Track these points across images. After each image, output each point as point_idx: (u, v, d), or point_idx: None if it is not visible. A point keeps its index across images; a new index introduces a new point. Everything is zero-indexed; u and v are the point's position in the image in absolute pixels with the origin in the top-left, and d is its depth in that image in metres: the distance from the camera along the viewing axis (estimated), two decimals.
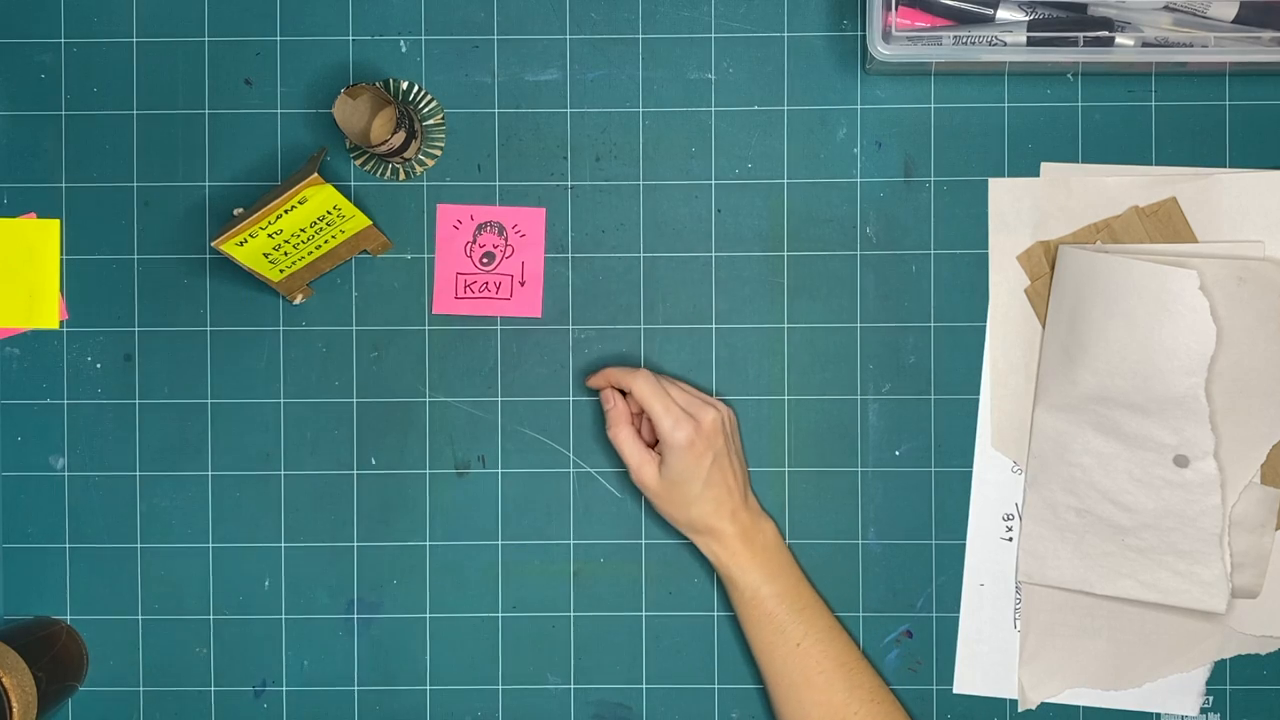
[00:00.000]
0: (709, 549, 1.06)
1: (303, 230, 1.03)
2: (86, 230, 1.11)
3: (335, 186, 1.01)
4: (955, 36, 1.03)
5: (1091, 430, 1.06)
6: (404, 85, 1.10)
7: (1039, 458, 1.08)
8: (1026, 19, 1.04)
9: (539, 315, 1.10)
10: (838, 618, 1.07)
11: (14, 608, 1.11)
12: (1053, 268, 1.08)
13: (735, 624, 1.09)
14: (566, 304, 1.10)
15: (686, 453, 1.02)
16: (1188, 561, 1.05)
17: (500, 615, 1.10)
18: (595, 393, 1.09)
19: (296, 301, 1.10)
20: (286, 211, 1.00)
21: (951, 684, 1.09)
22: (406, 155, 1.08)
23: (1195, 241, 1.07)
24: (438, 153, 1.10)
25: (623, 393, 1.06)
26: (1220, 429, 1.04)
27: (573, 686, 1.10)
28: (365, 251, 1.10)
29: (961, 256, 1.10)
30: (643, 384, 1.03)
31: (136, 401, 1.11)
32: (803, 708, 1.04)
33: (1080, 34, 1.02)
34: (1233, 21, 1.03)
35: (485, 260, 1.10)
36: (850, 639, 1.06)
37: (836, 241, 1.10)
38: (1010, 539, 1.09)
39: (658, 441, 1.05)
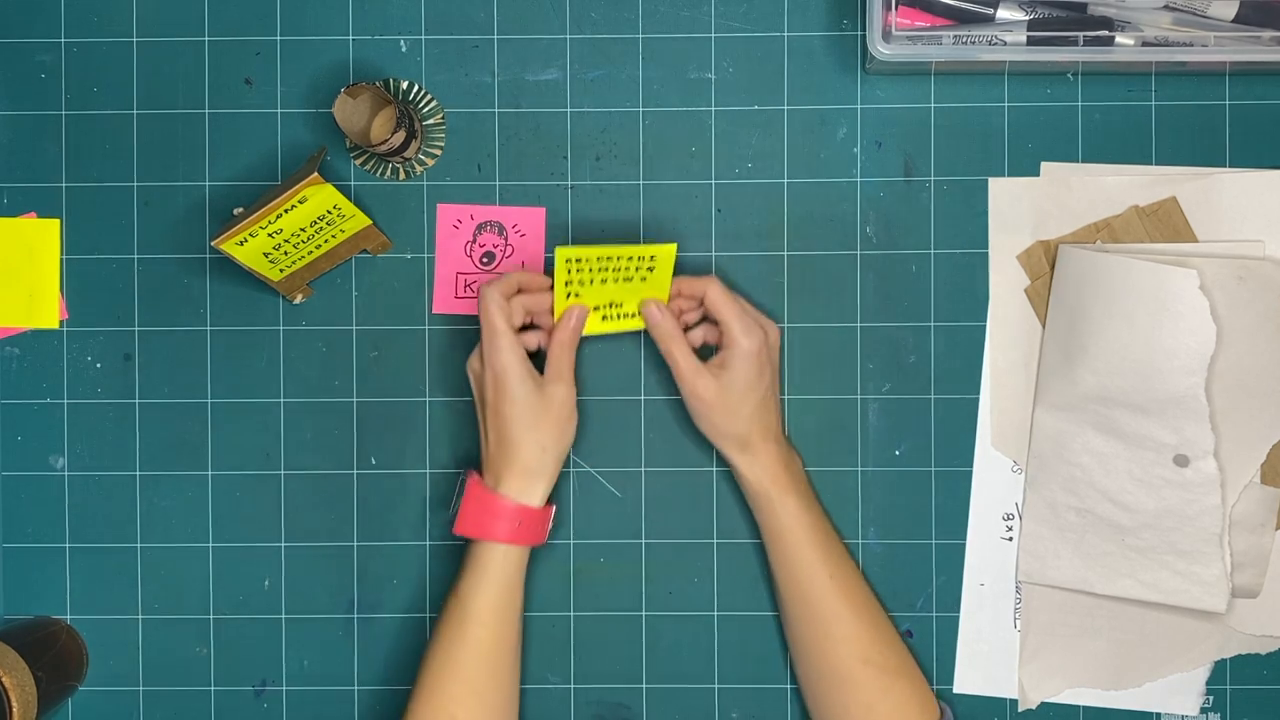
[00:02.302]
0: (749, 470, 1.04)
1: (303, 230, 1.03)
2: (86, 230, 1.11)
3: (335, 186, 1.01)
4: (955, 36, 1.03)
5: (1091, 430, 1.06)
6: (404, 85, 1.10)
7: (1039, 457, 1.08)
8: (1026, 19, 1.04)
9: None
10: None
11: (14, 608, 1.11)
12: (1053, 267, 1.08)
13: (735, 622, 1.09)
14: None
15: (753, 361, 1.01)
16: (1188, 561, 1.05)
17: None
18: (595, 390, 1.09)
19: (296, 301, 1.10)
20: (286, 211, 1.00)
21: (952, 684, 1.09)
22: (406, 155, 1.08)
23: (1195, 241, 1.07)
24: (438, 153, 1.10)
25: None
26: (1220, 429, 1.04)
27: (573, 686, 1.10)
28: (365, 251, 1.10)
29: (961, 256, 1.10)
30: (717, 290, 1.02)
31: (136, 401, 1.11)
32: (829, 642, 1.03)
33: (1080, 34, 1.02)
34: (1233, 21, 1.03)
35: (485, 260, 1.10)
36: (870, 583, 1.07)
37: (836, 241, 1.10)
38: (1010, 539, 1.09)
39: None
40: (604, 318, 1.04)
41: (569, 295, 1.02)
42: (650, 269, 1.01)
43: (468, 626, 1.00)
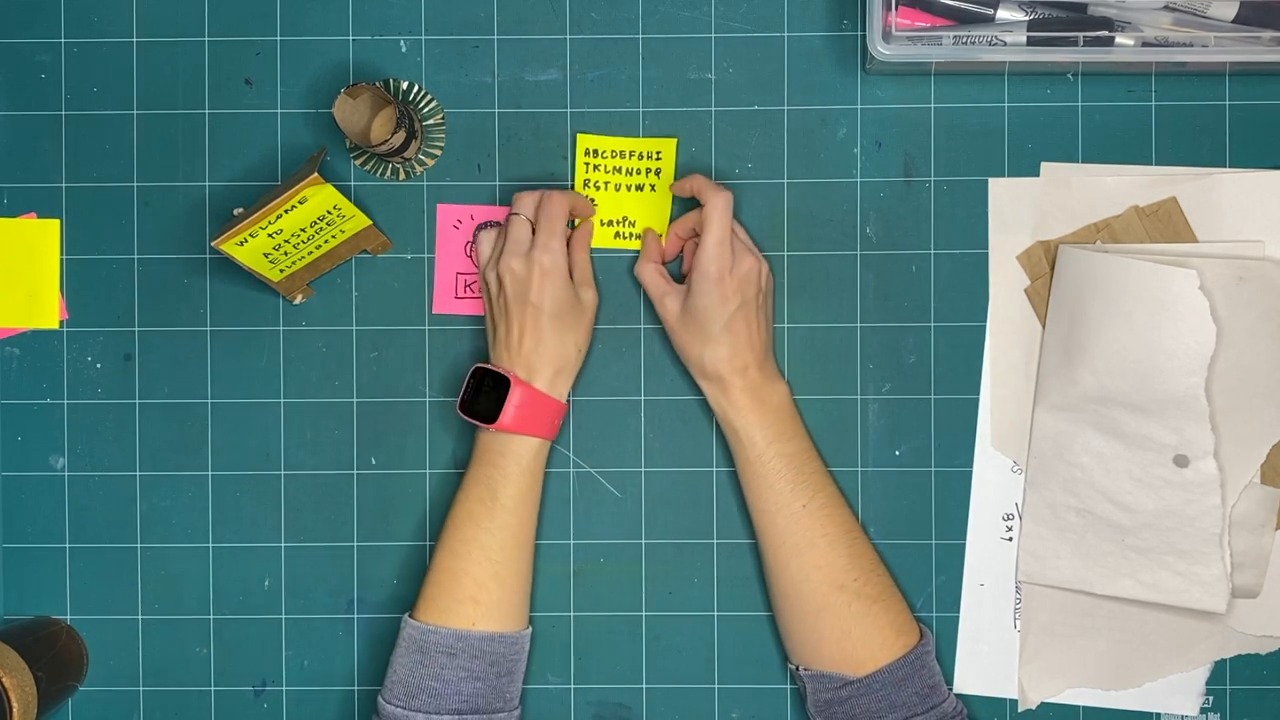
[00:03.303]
0: (715, 400, 1.05)
1: (303, 230, 1.03)
2: (86, 230, 1.11)
3: (335, 186, 1.01)
4: (955, 36, 1.03)
5: (1091, 430, 1.06)
6: (404, 85, 1.10)
7: (1039, 458, 1.08)
8: (1026, 19, 1.04)
9: None
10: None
11: (14, 608, 1.11)
12: (1053, 268, 1.08)
13: (735, 622, 1.09)
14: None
15: (715, 287, 1.02)
16: (1188, 561, 1.05)
17: None
18: (595, 390, 1.09)
19: (296, 301, 1.10)
20: (286, 211, 1.00)
21: (952, 684, 1.09)
22: (406, 155, 1.08)
23: (1195, 241, 1.07)
24: (438, 153, 1.10)
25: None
26: (1220, 429, 1.04)
27: (573, 686, 1.10)
28: (365, 251, 1.10)
29: (961, 256, 1.10)
30: (718, 207, 1.02)
31: (136, 401, 1.11)
32: (803, 570, 1.02)
33: (1080, 34, 1.02)
34: (1233, 21, 1.03)
35: None
36: (853, 511, 1.06)
37: (836, 241, 1.10)
38: (1010, 539, 1.09)
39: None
40: (616, 234, 1.09)
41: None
42: (657, 171, 1.07)
43: (497, 514, 1.02)
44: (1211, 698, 1.09)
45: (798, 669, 1.04)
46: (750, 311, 1.03)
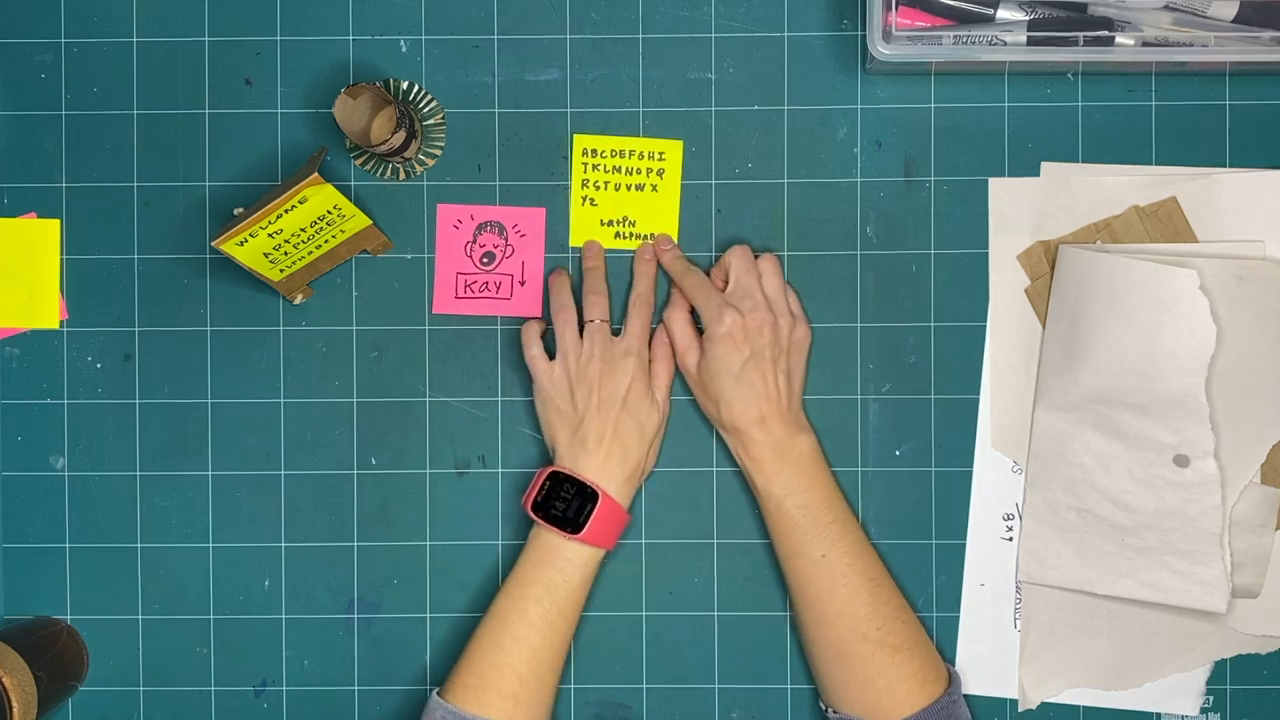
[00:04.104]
0: (736, 452, 1.05)
1: (303, 230, 1.03)
2: (86, 230, 1.11)
3: (335, 186, 1.01)
4: (955, 36, 1.03)
5: (1091, 430, 1.06)
6: (404, 85, 1.10)
7: (1039, 458, 1.08)
8: (1026, 19, 1.04)
9: (539, 315, 1.10)
10: (867, 535, 1.07)
11: (14, 608, 1.11)
12: (1053, 267, 1.08)
13: (735, 622, 1.09)
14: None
15: (722, 343, 1.02)
16: (1188, 561, 1.05)
17: None
18: None
19: (296, 301, 1.10)
20: (286, 211, 1.00)
21: None
22: (406, 155, 1.08)
23: (1195, 241, 1.07)
24: (438, 153, 1.10)
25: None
26: (1220, 429, 1.04)
27: (573, 686, 1.10)
28: (365, 251, 1.10)
29: (961, 256, 1.10)
30: (731, 263, 1.05)
31: (136, 401, 1.11)
32: (826, 619, 1.03)
33: (1080, 34, 1.02)
34: (1233, 21, 1.03)
35: (485, 260, 1.10)
36: (878, 557, 1.05)
37: (836, 241, 1.10)
38: (1010, 539, 1.09)
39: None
40: (616, 234, 1.09)
41: (584, 200, 1.06)
42: (660, 172, 1.07)
43: (551, 617, 1.03)
44: (1211, 698, 1.09)
45: (827, 710, 1.04)
46: (763, 364, 1.03)
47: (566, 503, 1.03)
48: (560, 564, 1.03)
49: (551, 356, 1.07)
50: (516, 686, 1.01)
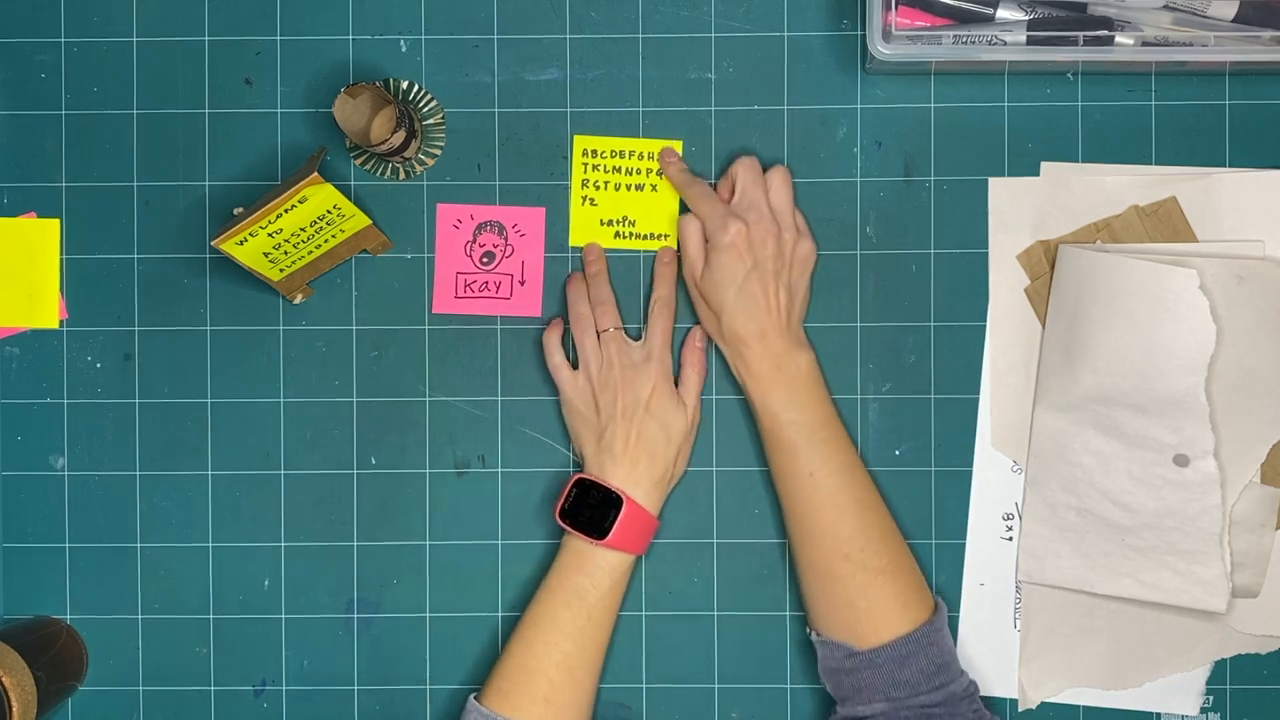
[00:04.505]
0: (734, 365, 1.05)
1: (303, 230, 1.03)
2: (86, 230, 1.11)
3: (335, 186, 1.01)
4: (955, 36, 1.03)
5: (1091, 430, 1.06)
6: (404, 85, 1.10)
7: (1039, 457, 1.08)
8: (1026, 18, 1.04)
9: (539, 315, 1.10)
10: (861, 457, 1.06)
11: (14, 608, 1.11)
12: (1053, 267, 1.08)
13: (734, 622, 1.09)
14: (562, 311, 1.10)
15: (725, 253, 1.03)
16: (1188, 561, 1.05)
17: (500, 615, 1.10)
18: None
19: (296, 301, 1.10)
20: (286, 211, 1.00)
21: None
22: (406, 155, 1.08)
23: (1195, 241, 1.07)
24: (438, 152, 1.10)
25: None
26: (1220, 428, 1.04)
27: None
28: (365, 251, 1.10)
29: (961, 256, 1.10)
30: (738, 173, 1.05)
31: (136, 401, 1.11)
32: (811, 538, 1.03)
33: (1080, 33, 1.02)
34: (1232, 21, 1.03)
35: (485, 260, 1.10)
36: (870, 479, 1.05)
37: (836, 241, 1.10)
38: (1010, 539, 1.09)
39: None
40: (616, 234, 1.09)
41: (584, 200, 1.07)
42: (660, 172, 1.07)
43: (582, 623, 1.03)
44: (1211, 698, 1.09)
45: (810, 633, 1.05)
46: (765, 276, 1.03)
47: (593, 509, 1.03)
48: (589, 570, 1.03)
49: (575, 365, 1.07)
50: (549, 691, 1.02)
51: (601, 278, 1.08)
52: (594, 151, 1.09)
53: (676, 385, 1.07)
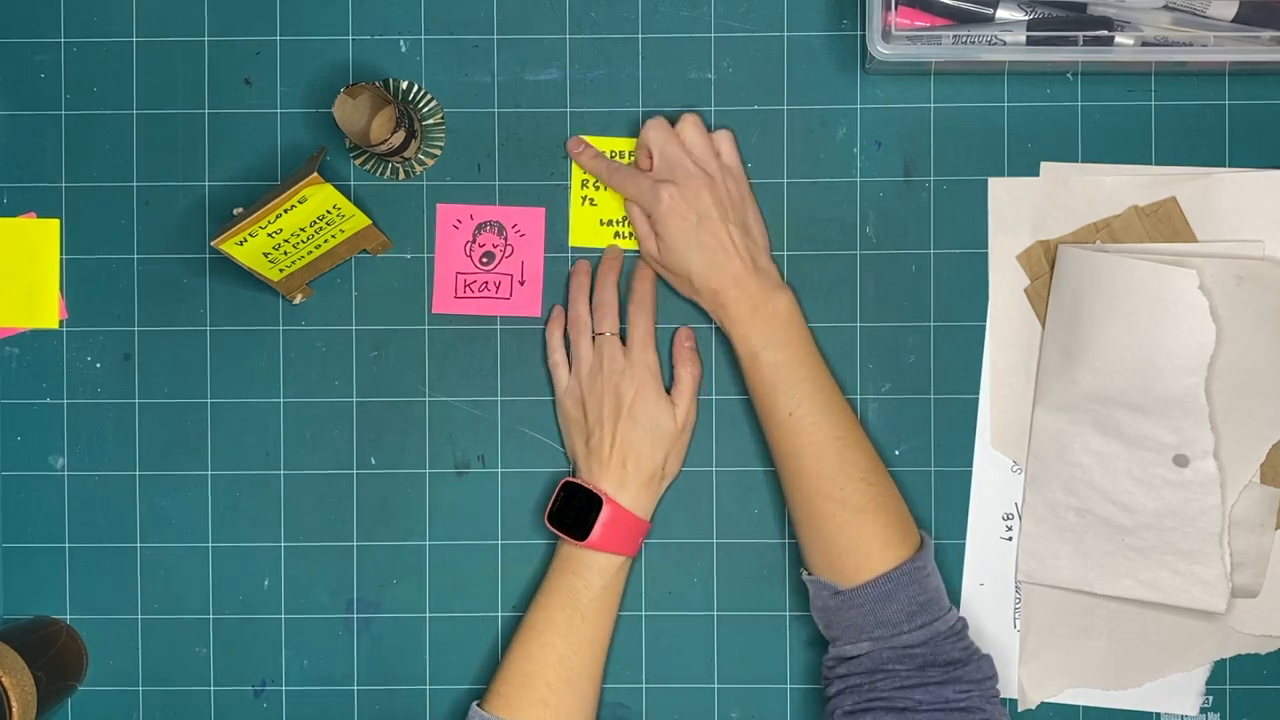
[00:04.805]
0: (714, 315, 1.05)
1: (302, 230, 1.03)
2: (86, 230, 1.11)
3: (335, 186, 1.01)
4: (955, 36, 1.03)
5: (1091, 430, 1.06)
6: (404, 85, 1.10)
7: (1039, 457, 1.08)
8: (1026, 18, 1.04)
9: (539, 315, 1.10)
10: (845, 396, 1.06)
11: (14, 608, 1.11)
12: (1053, 267, 1.08)
13: (735, 622, 1.09)
14: (566, 304, 1.10)
15: (667, 220, 1.03)
16: (1188, 561, 1.05)
17: (500, 615, 1.10)
18: None
19: (296, 301, 1.10)
20: (286, 211, 1.00)
21: None
22: (406, 155, 1.08)
23: (1195, 241, 1.07)
24: (438, 152, 1.10)
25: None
26: (1220, 429, 1.04)
27: None
28: (365, 251, 1.10)
29: (961, 256, 1.10)
30: (649, 136, 1.05)
31: (136, 401, 1.11)
32: (794, 479, 1.03)
33: (1080, 33, 1.02)
34: (1232, 21, 1.03)
35: (485, 260, 1.10)
36: (852, 417, 1.04)
37: (836, 241, 1.10)
38: (1010, 539, 1.09)
39: None
40: (616, 234, 1.09)
41: (584, 200, 1.07)
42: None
43: (576, 624, 1.03)
44: (1211, 698, 1.09)
45: (802, 572, 1.05)
46: (713, 224, 1.03)
47: (578, 511, 1.04)
48: (580, 571, 1.04)
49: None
50: (547, 694, 1.02)
51: (610, 280, 1.08)
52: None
53: (669, 386, 1.07)
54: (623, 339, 1.08)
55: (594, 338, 1.07)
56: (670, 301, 1.09)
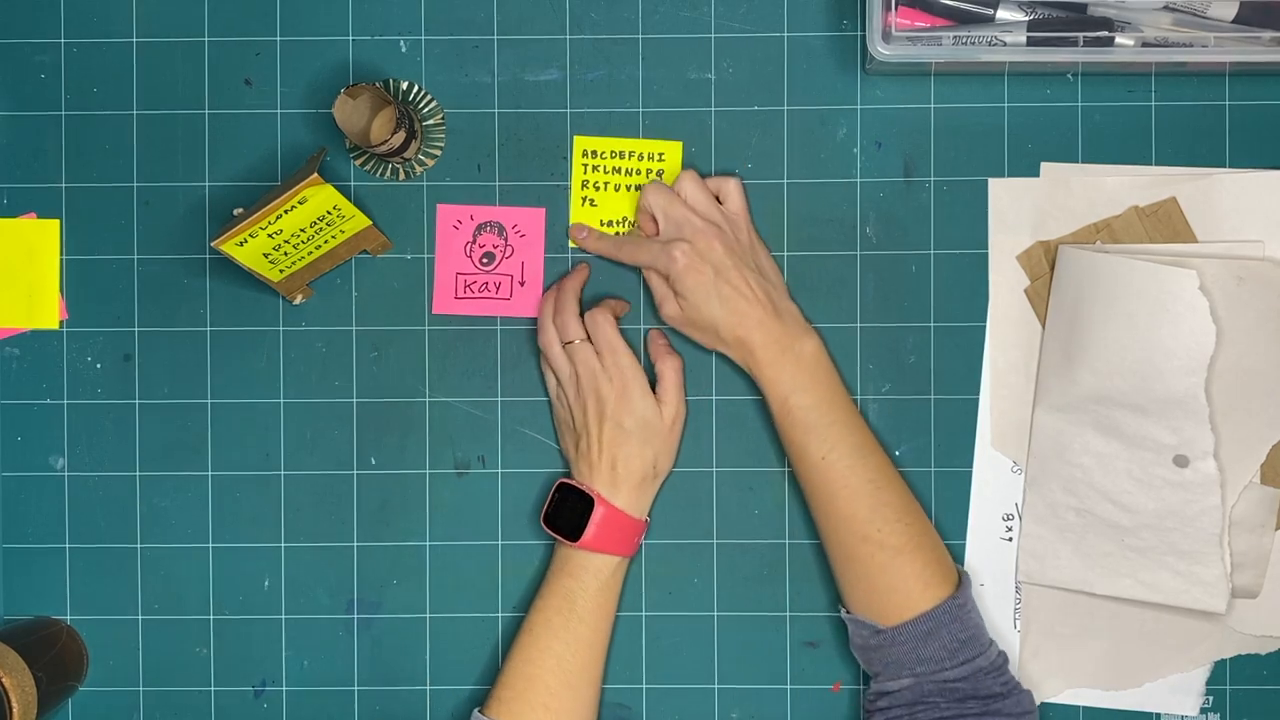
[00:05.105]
0: (743, 362, 1.05)
1: (303, 230, 1.03)
2: (86, 230, 1.11)
3: (335, 186, 1.01)
4: (955, 36, 1.03)
5: (1091, 430, 1.06)
6: (404, 85, 1.10)
7: (1039, 458, 1.08)
8: (1026, 19, 1.04)
9: (539, 316, 1.10)
10: (876, 437, 1.06)
11: (14, 608, 1.11)
12: (1053, 268, 1.08)
13: (734, 622, 1.09)
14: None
15: (685, 277, 1.03)
16: (1188, 561, 1.05)
17: (500, 615, 1.10)
18: None
19: (296, 301, 1.10)
20: (286, 211, 1.00)
21: None
22: (406, 155, 1.08)
23: (1195, 241, 1.07)
24: (438, 153, 1.10)
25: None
26: (1220, 429, 1.04)
27: None
28: (365, 251, 1.10)
29: (961, 256, 1.10)
30: (650, 200, 1.05)
31: (136, 401, 1.11)
32: (830, 520, 1.03)
33: (1080, 34, 1.02)
34: (1232, 21, 1.03)
35: (485, 260, 1.10)
36: (885, 458, 1.05)
37: (836, 241, 1.10)
38: (1010, 539, 1.09)
39: None
40: (616, 235, 1.09)
41: (584, 201, 1.07)
42: (660, 173, 1.07)
43: (573, 625, 1.04)
44: (1211, 698, 1.09)
45: (841, 610, 1.05)
46: (730, 273, 1.03)
47: (572, 512, 1.04)
48: (575, 573, 1.04)
49: None
50: (547, 697, 1.02)
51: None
52: (594, 152, 1.09)
53: (653, 382, 1.07)
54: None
55: (564, 346, 1.07)
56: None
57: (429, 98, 1.10)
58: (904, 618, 1.00)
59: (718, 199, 1.06)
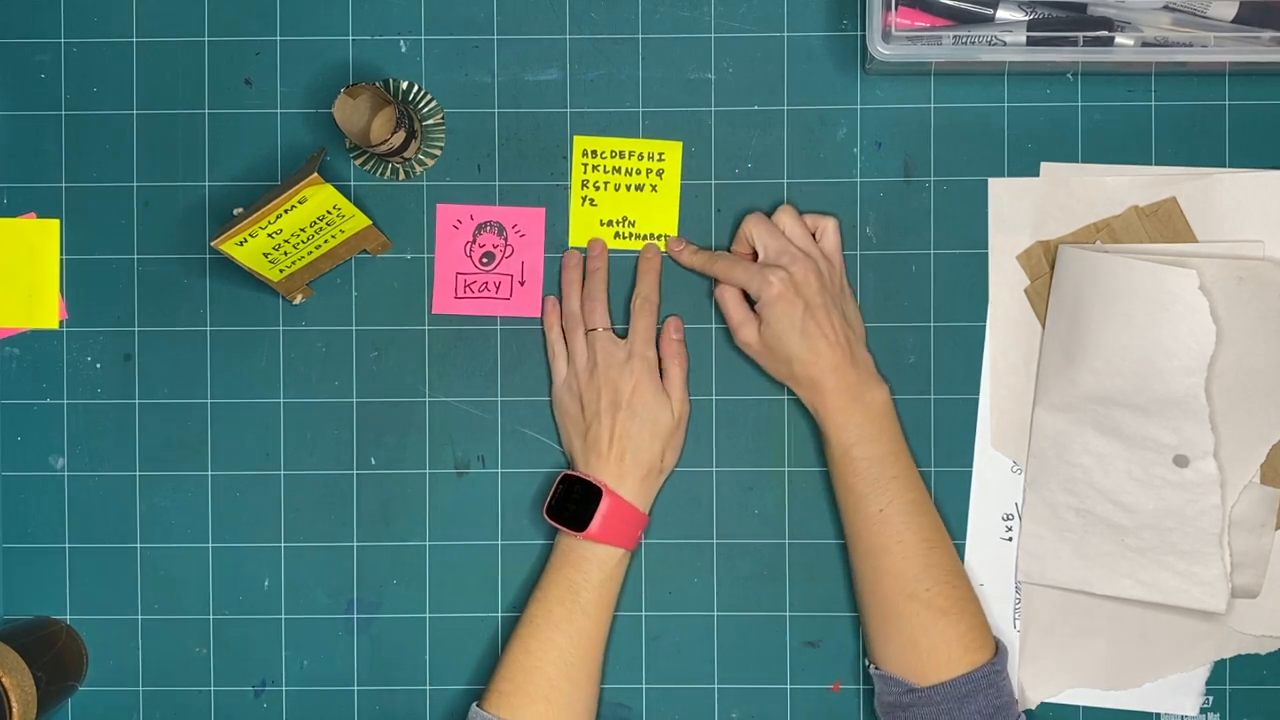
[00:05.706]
0: (810, 403, 1.05)
1: (303, 230, 1.03)
2: (86, 230, 1.11)
3: (335, 186, 1.01)
4: (955, 36, 1.03)
5: (1091, 430, 1.06)
6: (404, 85, 1.10)
7: (1039, 458, 1.08)
8: (1026, 19, 1.04)
9: (539, 315, 1.10)
10: (930, 496, 1.06)
11: (14, 608, 1.11)
12: (1053, 268, 1.08)
13: (734, 622, 1.09)
14: (560, 296, 1.10)
15: (776, 305, 1.03)
16: (1188, 561, 1.05)
17: (500, 615, 1.10)
18: None
19: (296, 301, 1.10)
20: (286, 211, 1.00)
21: None
22: (406, 155, 1.08)
23: (1195, 241, 1.07)
24: (438, 153, 1.10)
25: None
26: (1220, 429, 1.04)
27: None
28: (365, 251, 1.10)
29: (961, 256, 1.10)
30: (753, 230, 1.05)
31: (136, 401, 1.11)
32: (875, 574, 1.03)
33: (1080, 34, 1.02)
34: (1232, 21, 1.03)
35: (485, 260, 1.10)
36: (938, 519, 1.05)
37: None
38: (1010, 539, 1.09)
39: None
40: (616, 235, 1.09)
41: (584, 201, 1.07)
42: (660, 173, 1.07)
43: (575, 617, 1.03)
44: (1211, 698, 1.09)
45: (869, 666, 1.05)
46: (819, 312, 1.03)
47: (577, 504, 1.04)
48: (579, 564, 1.04)
49: None
50: (547, 689, 1.02)
51: (599, 276, 1.08)
52: (594, 152, 1.09)
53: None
54: (618, 335, 1.08)
55: (587, 334, 1.07)
56: (669, 297, 1.09)
57: (429, 97, 1.10)
58: (942, 678, 1.00)
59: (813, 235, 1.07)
